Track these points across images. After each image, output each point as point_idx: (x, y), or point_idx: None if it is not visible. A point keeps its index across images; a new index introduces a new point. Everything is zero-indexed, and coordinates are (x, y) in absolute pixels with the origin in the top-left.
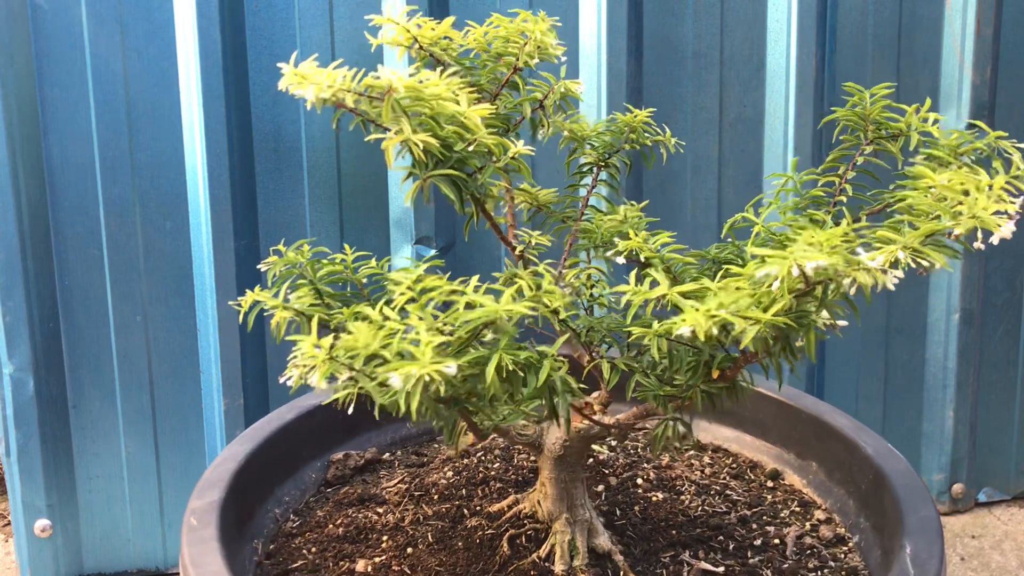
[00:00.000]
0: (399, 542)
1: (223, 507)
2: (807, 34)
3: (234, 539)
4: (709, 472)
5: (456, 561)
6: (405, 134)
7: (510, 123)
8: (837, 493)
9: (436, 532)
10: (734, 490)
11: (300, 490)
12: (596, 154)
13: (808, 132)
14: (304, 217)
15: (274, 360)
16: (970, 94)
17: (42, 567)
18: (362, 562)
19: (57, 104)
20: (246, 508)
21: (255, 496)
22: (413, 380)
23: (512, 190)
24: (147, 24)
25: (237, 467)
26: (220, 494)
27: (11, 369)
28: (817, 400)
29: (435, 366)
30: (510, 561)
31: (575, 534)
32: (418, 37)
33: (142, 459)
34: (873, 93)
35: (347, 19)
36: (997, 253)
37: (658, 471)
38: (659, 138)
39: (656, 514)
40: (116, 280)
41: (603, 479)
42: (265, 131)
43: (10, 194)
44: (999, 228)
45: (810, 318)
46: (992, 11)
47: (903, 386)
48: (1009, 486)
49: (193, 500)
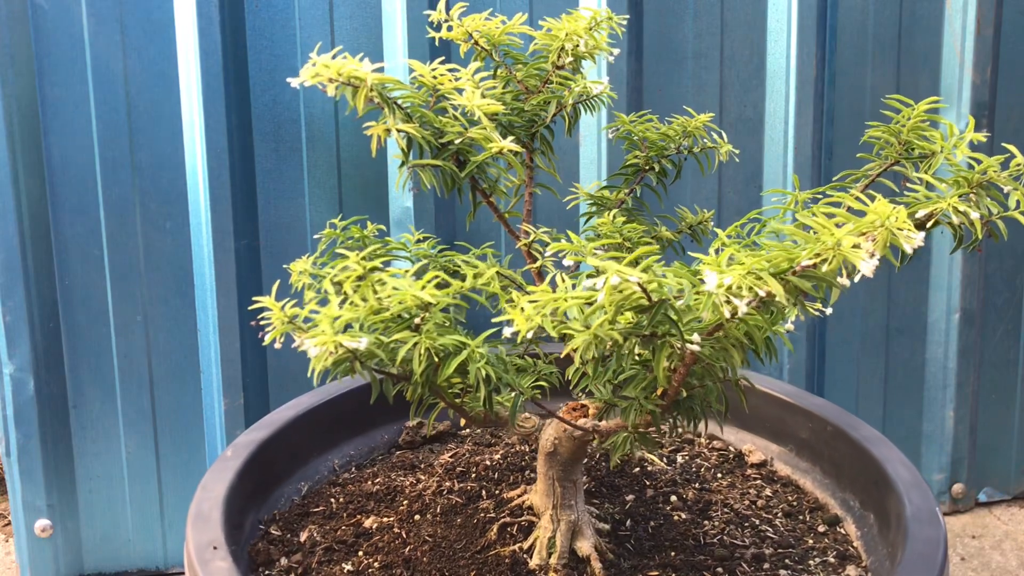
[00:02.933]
0: (413, 508)
1: (264, 445)
2: (807, 34)
3: (282, 474)
4: (761, 504)
5: (447, 535)
6: (390, 123)
7: (538, 120)
8: (881, 552)
9: (448, 506)
10: (775, 527)
11: (369, 447)
12: (644, 157)
13: (808, 132)
14: (304, 217)
15: (274, 360)
16: (970, 94)
17: (42, 567)
18: (372, 519)
19: (57, 104)
20: (303, 453)
21: (315, 445)
22: (322, 348)
23: (531, 185)
24: (147, 24)
25: (296, 414)
26: (266, 433)
27: (11, 369)
28: (889, 444)
29: (342, 338)
30: (492, 546)
31: (556, 532)
32: (472, 33)
33: (142, 459)
34: (911, 108)
35: (347, 19)
36: (997, 253)
37: (701, 493)
38: (713, 145)
39: (667, 533)
40: (116, 280)
41: (640, 489)
42: (265, 131)
43: (10, 194)
44: (860, 265)
45: (666, 336)
46: (992, 11)
47: (903, 386)
48: (1009, 486)
49: (252, 432)
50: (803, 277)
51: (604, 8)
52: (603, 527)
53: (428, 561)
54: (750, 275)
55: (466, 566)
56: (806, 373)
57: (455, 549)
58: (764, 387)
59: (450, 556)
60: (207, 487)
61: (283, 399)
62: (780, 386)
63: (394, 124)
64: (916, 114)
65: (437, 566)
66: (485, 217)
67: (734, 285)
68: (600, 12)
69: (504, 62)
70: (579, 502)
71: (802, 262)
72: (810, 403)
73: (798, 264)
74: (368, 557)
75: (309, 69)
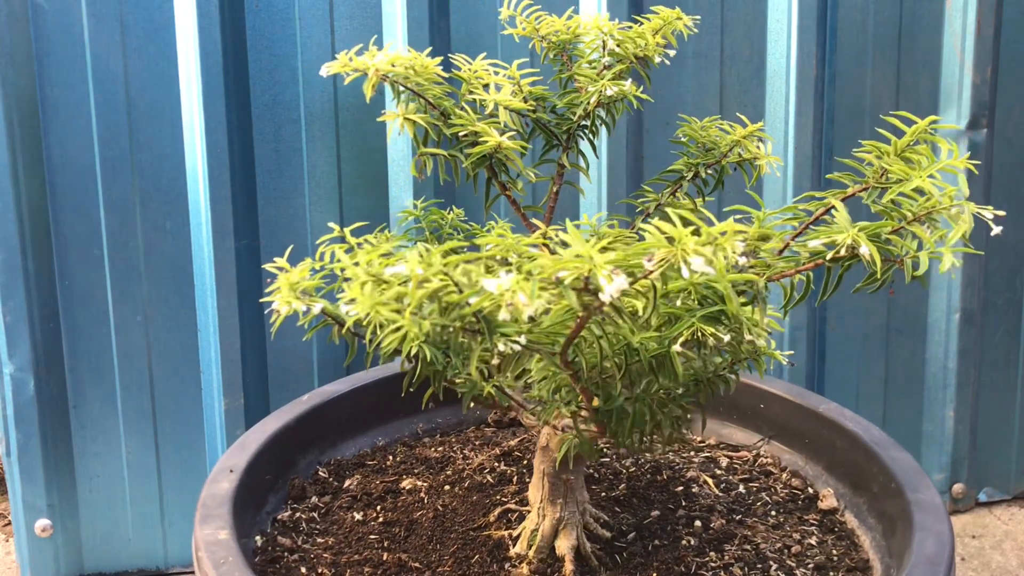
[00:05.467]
0: (449, 479)
1: (340, 399)
2: (807, 34)
3: (359, 427)
4: (795, 551)
5: (456, 508)
6: (400, 112)
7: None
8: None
9: (475, 483)
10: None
11: (459, 420)
12: (687, 164)
13: (808, 132)
14: (304, 217)
15: (274, 360)
16: (970, 94)
17: (42, 567)
18: (410, 480)
19: (57, 104)
20: (388, 412)
21: (403, 407)
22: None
23: (559, 183)
24: (147, 24)
25: (390, 375)
26: (346, 387)
27: (11, 369)
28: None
29: None
30: (488, 527)
31: (540, 527)
32: (539, 29)
33: (142, 459)
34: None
35: (347, 19)
36: (997, 253)
37: (731, 525)
38: (752, 155)
39: (663, 555)
40: (116, 280)
41: (672, 508)
42: (265, 131)
43: (10, 194)
44: (690, 264)
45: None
46: (992, 11)
47: (903, 386)
48: (1009, 486)
49: (336, 384)
50: (553, 287)
51: (675, 9)
52: (603, 533)
53: (426, 527)
54: (524, 282)
55: (454, 539)
56: (806, 373)
57: (455, 522)
58: (854, 428)
59: (446, 527)
60: (265, 423)
61: (284, 399)
62: (872, 433)
63: (404, 113)
64: (902, 142)
65: (429, 533)
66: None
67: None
68: (670, 14)
69: (567, 61)
70: (571, 501)
71: (557, 274)
72: (891, 455)
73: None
74: (382, 512)
75: (344, 63)
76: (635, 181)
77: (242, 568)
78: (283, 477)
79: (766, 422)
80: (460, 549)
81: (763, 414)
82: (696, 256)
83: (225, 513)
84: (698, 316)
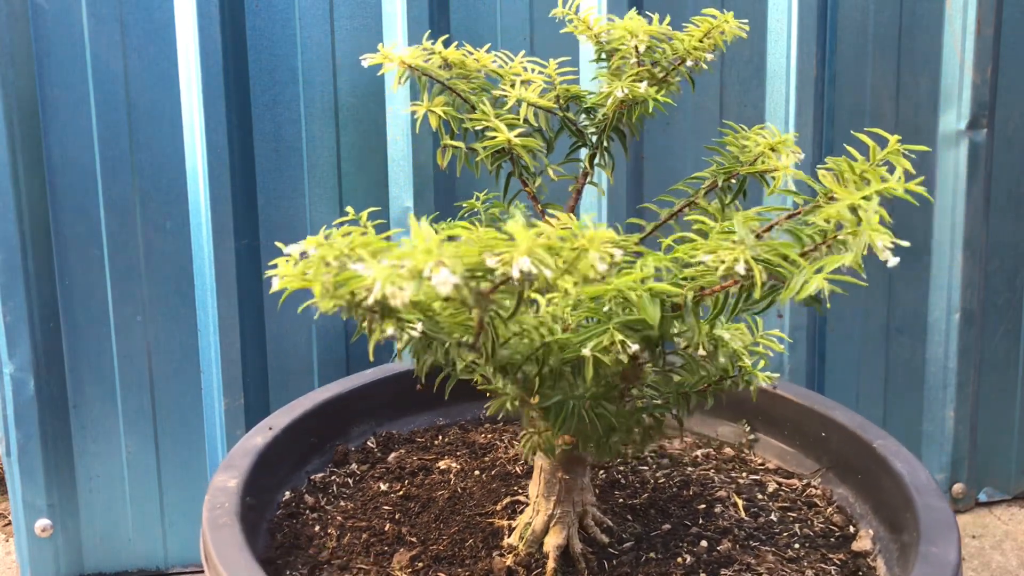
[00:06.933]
0: (482, 464)
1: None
2: (807, 34)
3: (423, 406)
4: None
5: (473, 493)
6: (424, 105)
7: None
8: None
9: (502, 472)
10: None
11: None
12: (722, 171)
13: (808, 132)
14: (304, 217)
15: (274, 360)
16: (970, 94)
17: (42, 567)
18: (446, 461)
19: (57, 104)
20: (413, 406)
21: (474, 392)
22: None
23: (582, 181)
24: (147, 24)
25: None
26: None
27: (11, 369)
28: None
29: None
30: (492, 515)
31: (533, 520)
32: (592, 26)
33: (142, 459)
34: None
35: (347, 19)
36: (997, 253)
37: (738, 550)
38: (771, 167)
39: (652, 569)
40: (116, 280)
41: (688, 524)
42: (265, 131)
43: (10, 194)
44: (597, 272)
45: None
46: (992, 11)
47: (903, 386)
48: (1009, 486)
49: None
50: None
51: (727, 12)
52: (601, 538)
53: (441, 506)
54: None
55: (459, 521)
56: (806, 373)
57: (467, 506)
58: (901, 469)
59: (456, 509)
60: (328, 386)
61: (284, 399)
62: (917, 477)
63: (428, 106)
64: (880, 155)
65: (438, 512)
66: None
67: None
68: (720, 18)
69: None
70: (567, 500)
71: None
72: (927, 503)
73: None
74: (407, 487)
75: (385, 54)
76: (635, 181)
77: (232, 515)
78: (331, 442)
79: (826, 452)
80: (460, 531)
81: (824, 443)
82: (523, 257)
83: (246, 465)
84: (614, 323)
